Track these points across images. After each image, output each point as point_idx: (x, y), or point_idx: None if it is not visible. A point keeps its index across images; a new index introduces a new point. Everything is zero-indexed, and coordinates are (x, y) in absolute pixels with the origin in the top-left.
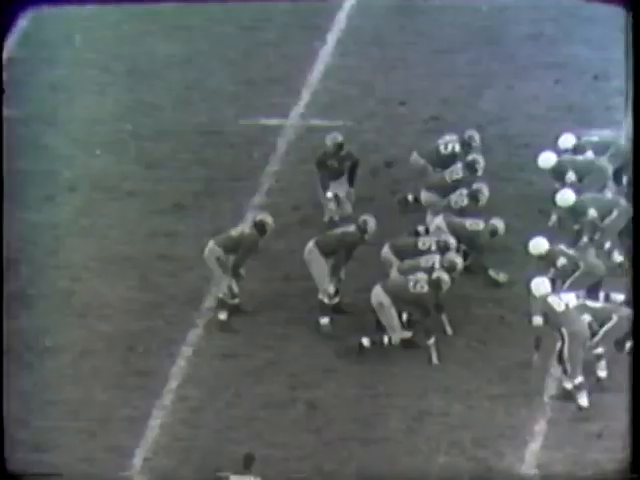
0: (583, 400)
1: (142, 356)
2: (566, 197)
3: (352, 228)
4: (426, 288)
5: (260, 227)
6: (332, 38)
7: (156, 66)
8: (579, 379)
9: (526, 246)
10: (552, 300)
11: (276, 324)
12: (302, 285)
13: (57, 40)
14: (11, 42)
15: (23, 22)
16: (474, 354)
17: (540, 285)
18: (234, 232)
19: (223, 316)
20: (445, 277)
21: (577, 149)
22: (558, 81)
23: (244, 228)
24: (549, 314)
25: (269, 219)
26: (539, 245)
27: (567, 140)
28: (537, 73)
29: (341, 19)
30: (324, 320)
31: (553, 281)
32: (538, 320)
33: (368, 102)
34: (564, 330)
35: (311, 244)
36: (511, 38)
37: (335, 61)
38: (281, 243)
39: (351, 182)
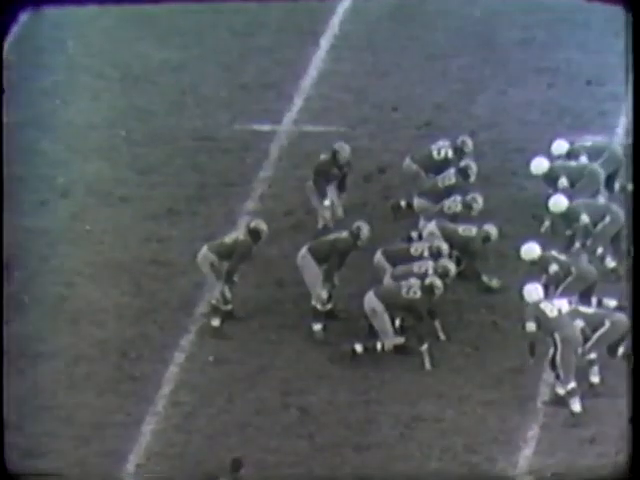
0: (576, 405)
1: (135, 362)
2: (559, 203)
3: (345, 234)
4: (419, 294)
5: (254, 233)
6: (325, 43)
7: (149, 71)
8: (572, 384)
9: (519, 251)
10: (545, 306)
11: (269, 330)
12: (295, 291)
13: (50, 45)
14: (5, 47)
15: (16, 27)
16: (467, 360)
17: (532, 291)
18: (228, 239)
19: (216, 322)
20: (438, 283)
21: (571, 154)
22: (551, 86)
23: (238, 234)
24: (542, 320)
25: (263, 225)
26: (531, 251)
27: (560, 146)
28: (530, 78)
29: (334, 24)
30: (317, 326)
31: (546, 287)
32: (531, 326)
33: (361, 108)
34: (556, 336)
35: (304, 250)
36: (504, 43)
37: (328, 66)
38: (274, 249)
39: (343, 187)
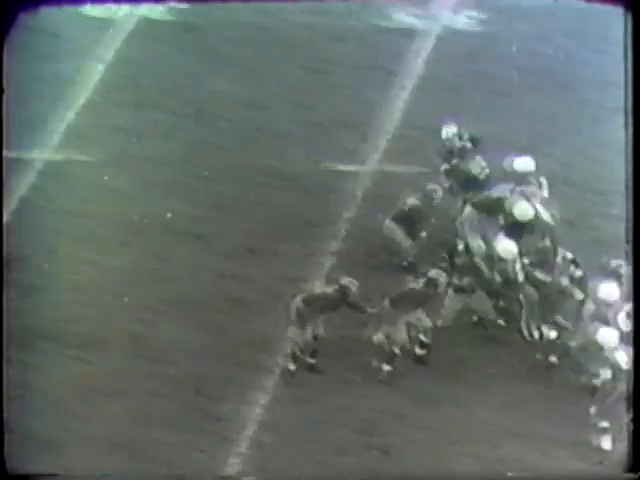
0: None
1: (215, 401)
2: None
3: (421, 283)
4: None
5: (343, 291)
6: (408, 83)
7: (223, 108)
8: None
9: None
10: (620, 356)
11: (347, 371)
12: None
13: (124, 85)
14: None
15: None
16: None
17: (609, 336)
18: (318, 290)
19: (292, 367)
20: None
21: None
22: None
23: (327, 289)
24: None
25: (354, 286)
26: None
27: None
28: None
29: (418, 65)
30: (386, 367)
31: None
32: (607, 373)
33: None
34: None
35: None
36: (580, 83)
37: (411, 107)
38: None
39: None
